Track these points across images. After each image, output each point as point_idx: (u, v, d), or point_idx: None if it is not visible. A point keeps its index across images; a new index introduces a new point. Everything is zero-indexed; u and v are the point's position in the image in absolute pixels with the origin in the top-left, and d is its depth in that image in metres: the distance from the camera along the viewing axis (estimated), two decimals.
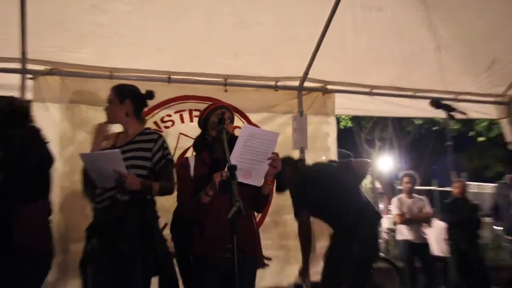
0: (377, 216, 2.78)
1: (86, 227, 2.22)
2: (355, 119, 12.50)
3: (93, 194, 2.26)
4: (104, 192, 2.24)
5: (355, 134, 13.71)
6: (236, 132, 2.66)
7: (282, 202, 3.39)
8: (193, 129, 2.39)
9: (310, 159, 3.62)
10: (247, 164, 1.98)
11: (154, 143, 2.32)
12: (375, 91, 3.85)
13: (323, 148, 3.77)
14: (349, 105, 3.98)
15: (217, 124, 2.06)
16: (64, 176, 2.99)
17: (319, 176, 2.87)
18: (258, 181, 2.04)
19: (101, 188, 2.23)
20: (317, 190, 2.78)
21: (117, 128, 2.44)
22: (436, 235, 4.67)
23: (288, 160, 3.06)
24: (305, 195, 2.80)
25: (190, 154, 3.17)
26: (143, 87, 3.25)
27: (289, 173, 2.91)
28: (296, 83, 3.68)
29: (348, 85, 3.80)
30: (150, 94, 2.42)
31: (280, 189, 3.03)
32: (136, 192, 2.18)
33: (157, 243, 2.15)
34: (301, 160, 3.23)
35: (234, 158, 1.92)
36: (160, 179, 2.30)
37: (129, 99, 2.36)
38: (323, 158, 3.56)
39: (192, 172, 2.15)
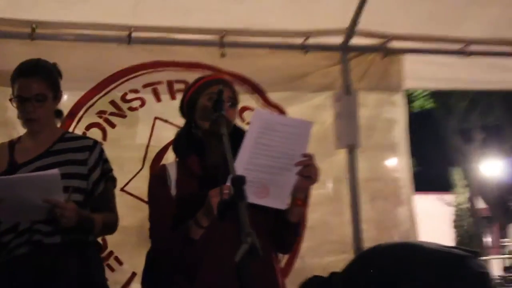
0: (471, 258, 2.72)
1: None
2: (439, 96, 12.38)
3: None
4: (15, 238, 2.31)
5: (440, 120, 13.59)
6: (247, 117, 2.64)
7: (323, 231, 3.47)
8: (176, 110, 2.42)
9: (364, 166, 3.65)
10: (263, 174, 2.00)
11: (89, 153, 2.45)
12: (473, 48, 3.83)
13: (385, 145, 3.78)
14: (427, 74, 4.00)
15: (211, 109, 2.05)
16: None
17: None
18: (280, 202, 2.06)
19: (8, 232, 2.31)
20: None
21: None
22: None
23: (313, 282, 3.05)
24: None
25: (170, 158, 3.21)
26: (87, 52, 3.30)
27: None
28: (338, 40, 3.68)
29: (425, 40, 3.77)
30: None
31: None
32: (72, 230, 2.27)
33: None
34: (334, 274, 3.19)
35: (242, 164, 1.94)
36: (101, 209, 2.44)
37: (61, 88, 2.49)
38: None
39: (173, 189, 2.19)
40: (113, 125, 3.36)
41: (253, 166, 1.98)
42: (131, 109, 3.42)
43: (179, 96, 3.25)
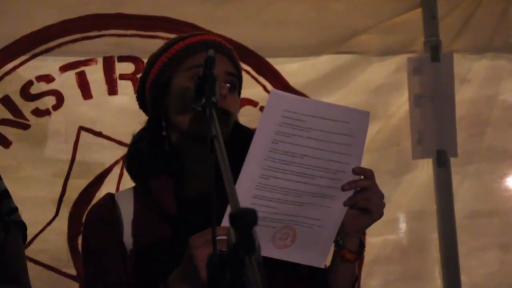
0: None
1: None
2: None
3: None
4: None
5: None
6: (246, 117, 2.63)
7: None
8: (117, 113, 2.38)
9: (467, 190, 3.64)
10: (285, 206, 2.01)
11: None
12: None
13: (503, 153, 3.77)
14: None
15: (193, 95, 1.96)
16: None
17: None
18: (316, 255, 2.11)
19: None
20: None
21: None
22: None
23: None
24: None
25: (112, 185, 3.33)
26: None
27: None
28: None
29: None
30: None
31: None
32: None
33: None
34: None
35: (248, 189, 1.96)
36: None
37: None
38: None
39: (128, 237, 2.21)
40: (6, 143, 3.35)
41: (267, 193, 1.98)
42: (39, 113, 3.39)
43: (123, 88, 3.28)
